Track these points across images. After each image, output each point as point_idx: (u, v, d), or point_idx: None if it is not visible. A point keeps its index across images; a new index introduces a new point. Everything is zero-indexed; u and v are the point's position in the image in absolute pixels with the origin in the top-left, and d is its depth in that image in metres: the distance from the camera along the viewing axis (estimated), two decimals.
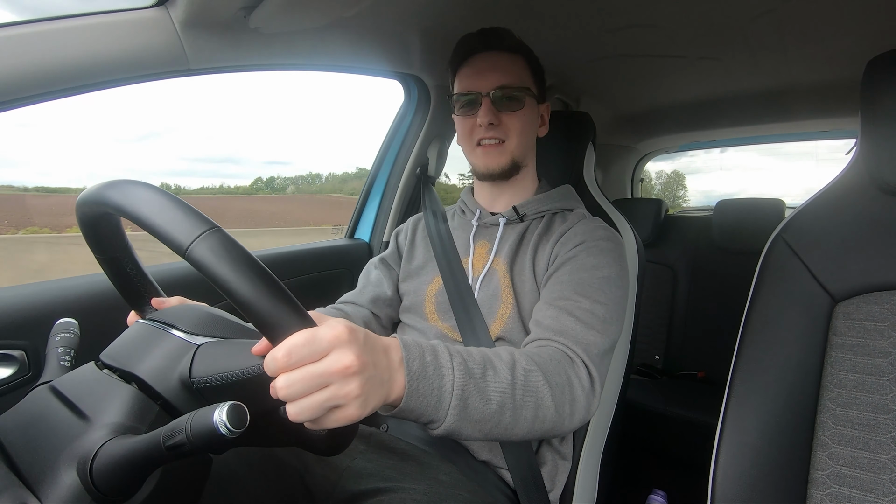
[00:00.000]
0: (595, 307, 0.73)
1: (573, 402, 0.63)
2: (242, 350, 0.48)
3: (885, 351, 0.66)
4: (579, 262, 0.79)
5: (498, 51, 0.88)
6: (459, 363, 0.54)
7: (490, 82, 0.85)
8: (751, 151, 3.51)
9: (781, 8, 1.02)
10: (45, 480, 0.40)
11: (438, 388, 0.51)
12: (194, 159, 71.23)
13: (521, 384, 0.58)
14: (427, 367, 0.51)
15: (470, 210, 0.99)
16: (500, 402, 0.55)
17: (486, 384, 0.55)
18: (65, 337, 0.55)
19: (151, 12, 0.75)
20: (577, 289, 0.75)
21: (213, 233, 0.40)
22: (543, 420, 0.59)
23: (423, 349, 0.52)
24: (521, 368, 0.59)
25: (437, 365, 0.52)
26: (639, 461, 1.69)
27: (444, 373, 0.52)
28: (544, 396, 0.59)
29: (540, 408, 0.59)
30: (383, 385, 0.47)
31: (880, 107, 0.70)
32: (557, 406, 0.60)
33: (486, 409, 0.54)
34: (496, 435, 0.57)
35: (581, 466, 0.84)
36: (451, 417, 0.52)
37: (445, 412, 0.52)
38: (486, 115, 0.85)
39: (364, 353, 0.44)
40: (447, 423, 0.52)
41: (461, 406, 0.52)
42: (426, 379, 0.50)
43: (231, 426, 0.36)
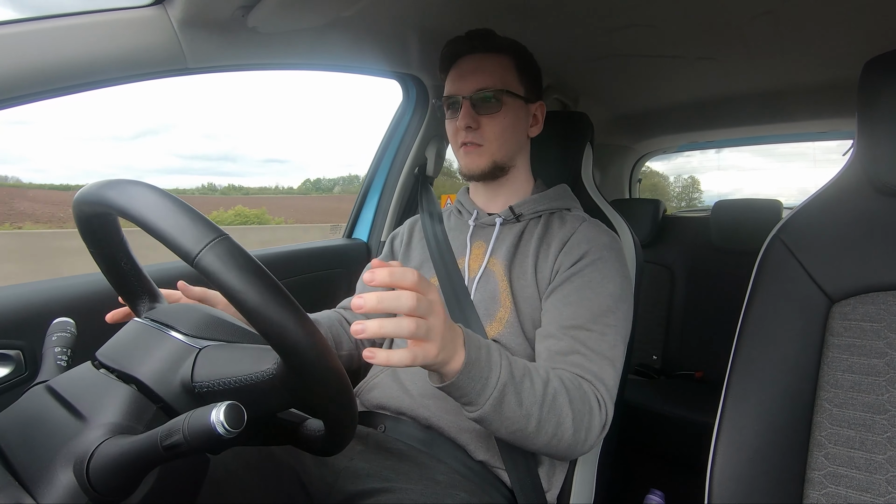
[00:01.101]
0: (606, 333, 0.76)
1: (589, 430, 0.69)
2: (246, 355, 0.48)
3: (882, 351, 0.66)
4: (586, 279, 0.79)
5: (482, 52, 0.88)
6: (507, 364, 0.62)
7: (470, 85, 0.86)
8: (746, 152, 3.52)
9: (779, 9, 1.02)
10: (41, 480, 0.40)
11: (486, 378, 0.60)
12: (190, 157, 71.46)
13: (550, 401, 0.65)
14: (481, 357, 0.60)
15: (467, 210, 0.99)
16: (529, 410, 0.63)
17: (523, 390, 0.63)
18: (61, 336, 0.54)
19: (149, 11, 0.75)
20: (587, 314, 0.76)
21: (221, 241, 0.40)
22: (561, 439, 0.66)
23: (481, 342, 0.61)
24: (552, 388, 0.66)
25: (489, 359, 0.61)
26: (636, 461, 1.69)
27: (492, 367, 0.61)
28: (566, 419, 0.66)
29: (560, 427, 0.66)
30: (451, 348, 0.56)
31: (877, 108, 0.70)
32: (576, 431, 0.67)
33: (517, 411, 0.62)
34: (518, 438, 0.65)
35: (578, 466, 0.84)
36: (488, 406, 0.60)
37: (485, 400, 0.60)
38: (463, 118, 0.86)
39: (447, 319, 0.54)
40: (483, 410, 0.61)
41: (498, 400, 0.61)
42: (479, 366, 0.59)
43: (228, 426, 0.36)
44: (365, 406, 0.88)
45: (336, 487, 0.71)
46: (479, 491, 0.74)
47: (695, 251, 1.97)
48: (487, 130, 0.87)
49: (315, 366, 0.42)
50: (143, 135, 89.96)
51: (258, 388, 0.45)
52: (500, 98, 0.87)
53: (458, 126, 0.87)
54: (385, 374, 0.88)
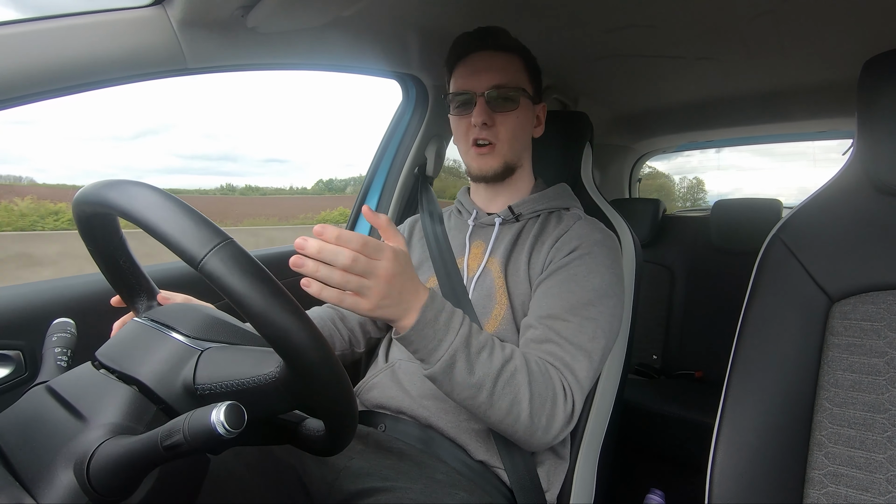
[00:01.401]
0: (584, 325, 0.74)
1: (551, 418, 0.69)
2: (248, 357, 0.48)
3: (882, 350, 0.66)
4: (571, 272, 0.79)
5: (494, 50, 0.88)
6: (464, 333, 0.65)
7: (485, 82, 0.85)
8: (746, 152, 3.53)
9: (779, 9, 1.02)
10: (41, 481, 0.40)
11: (439, 340, 0.64)
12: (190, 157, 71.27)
13: (507, 377, 0.66)
14: (440, 320, 0.64)
15: (466, 210, 0.99)
16: (481, 380, 0.65)
17: (477, 360, 0.65)
18: (61, 337, 0.54)
19: (149, 11, 0.75)
20: (566, 305, 0.76)
21: (226, 245, 0.40)
22: (517, 418, 0.67)
23: (445, 307, 0.65)
24: (512, 365, 0.67)
25: (448, 323, 0.64)
26: (636, 461, 1.69)
27: (449, 332, 0.64)
28: (522, 398, 0.66)
29: (515, 405, 0.67)
30: (397, 308, 0.60)
31: (877, 107, 0.70)
32: (534, 413, 0.67)
33: (468, 378, 0.65)
34: (472, 407, 0.67)
35: (578, 466, 0.84)
36: (437, 367, 0.64)
37: (436, 361, 0.64)
38: (480, 115, 0.85)
39: (397, 276, 0.58)
40: (433, 370, 0.64)
41: (449, 363, 0.64)
42: (433, 328, 0.63)
43: (229, 426, 0.36)
44: (364, 405, 0.88)
45: (336, 487, 0.71)
46: (478, 490, 0.74)
47: (695, 251, 1.97)
48: (501, 129, 0.86)
49: (318, 370, 0.42)
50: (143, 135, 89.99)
51: (261, 390, 0.45)
52: (517, 97, 0.86)
53: (474, 122, 0.85)
54: (384, 374, 0.88)
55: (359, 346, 0.99)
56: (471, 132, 0.87)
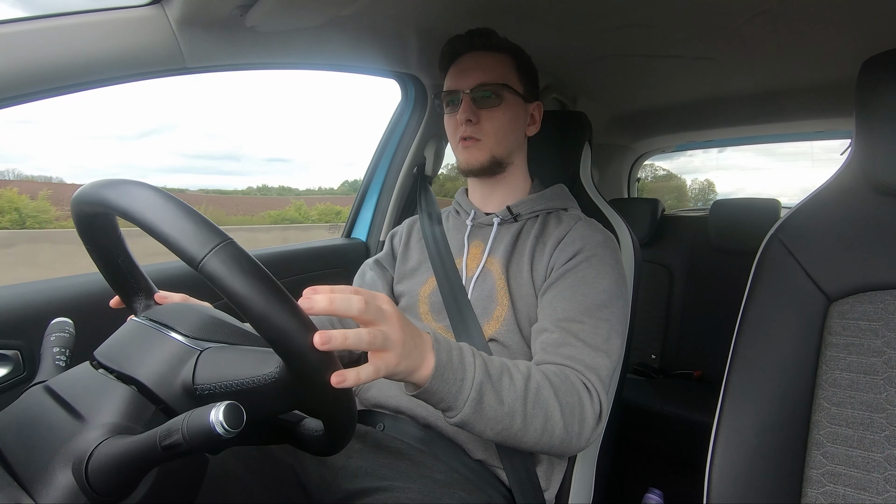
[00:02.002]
0: (599, 326, 0.75)
1: (583, 422, 0.67)
2: (247, 358, 0.48)
3: (880, 350, 0.66)
4: (580, 275, 0.79)
5: (483, 50, 0.89)
6: (481, 363, 0.61)
7: (470, 80, 0.87)
8: (748, 151, 3.53)
9: (777, 9, 1.02)
10: (39, 481, 0.40)
11: (461, 380, 0.59)
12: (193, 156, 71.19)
13: (533, 396, 0.63)
14: (453, 359, 0.59)
15: (464, 210, 0.99)
16: (512, 406, 0.61)
17: (502, 387, 0.61)
18: (60, 336, 0.54)
19: (147, 10, 0.75)
20: (580, 307, 0.76)
21: (226, 246, 0.40)
22: (552, 434, 0.65)
23: (451, 345, 0.60)
24: (534, 382, 0.65)
25: (461, 360, 0.60)
26: (635, 460, 1.70)
27: (466, 368, 0.59)
28: (553, 412, 0.64)
29: (549, 421, 0.64)
30: (414, 358, 0.55)
31: (875, 107, 0.70)
32: (567, 424, 0.65)
33: (499, 409, 0.61)
34: (507, 438, 0.64)
35: (577, 465, 0.84)
36: (468, 409, 0.59)
37: (464, 402, 0.59)
38: (463, 112, 0.86)
39: (402, 318, 0.53)
40: (463, 413, 0.59)
41: (477, 400, 0.59)
42: (451, 369, 0.58)
43: (227, 426, 0.36)
44: (363, 404, 0.88)
45: (334, 486, 0.71)
46: (476, 490, 0.74)
47: (693, 251, 1.97)
48: (487, 125, 0.87)
49: (319, 371, 0.42)
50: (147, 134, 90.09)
51: (260, 391, 0.45)
52: (500, 93, 0.87)
53: (458, 120, 0.87)
54: None
55: None
56: (458, 130, 0.89)
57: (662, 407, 1.60)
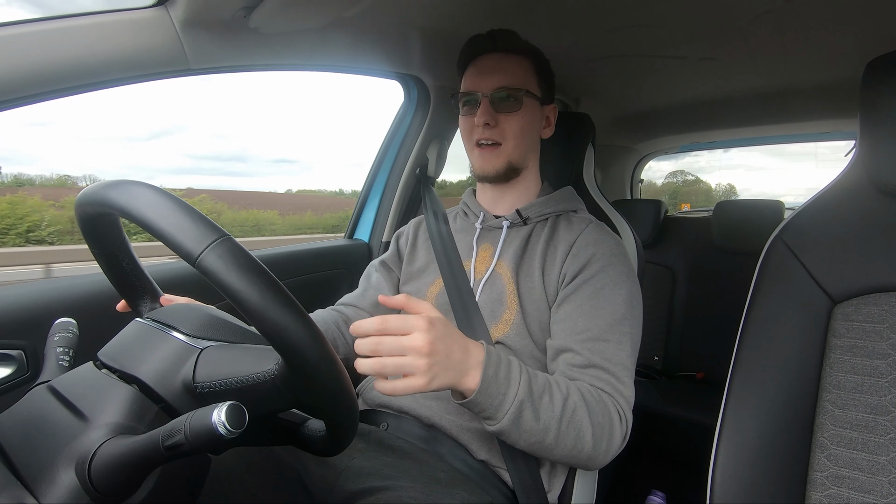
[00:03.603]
0: (623, 342, 0.76)
1: (610, 442, 0.70)
2: (247, 355, 0.48)
3: (884, 352, 0.66)
4: (597, 286, 0.80)
5: (503, 52, 0.88)
6: (525, 380, 0.66)
7: (490, 83, 0.86)
8: (754, 152, 3.54)
9: (781, 9, 1.02)
10: (43, 480, 0.40)
11: (504, 395, 0.64)
12: (201, 157, 71.56)
13: (569, 416, 0.67)
14: (500, 374, 0.64)
15: (473, 212, 0.98)
16: (547, 424, 0.66)
17: (541, 406, 0.66)
18: (63, 337, 0.55)
19: (151, 12, 0.75)
20: (603, 324, 0.77)
21: (223, 241, 0.40)
22: (580, 452, 0.68)
23: (500, 359, 0.65)
24: (572, 402, 0.68)
25: (507, 376, 0.65)
26: (638, 462, 1.69)
27: (511, 384, 0.64)
28: (585, 432, 0.68)
29: (579, 441, 0.68)
30: (454, 373, 0.60)
31: (879, 108, 0.70)
32: (596, 443, 0.69)
33: (534, 426, 0.65)
34: (538, 450, 0.68)
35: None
36: (506, 421, 0.64)
37: (503, 415, 0.64)
38: (483, 115, 0.85)
39: (438, 342, 0.58)
40: (501, 424, 0.64)
41: (516, 415, 0.64)
42: (497, 383, 0.63)
43: (230, 426, 0.36)
44: (367, 404, 0.88)
45: (337, 486, 0.71)
46: (479, 490, 0.74)
47: (696, 252, 1.97)
48: (506, 129, 0.87)
49: (317, 366, 0.42)
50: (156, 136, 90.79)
51: (260, 388, 0.45)
52: (520, 97, 0.86)
53: (477, 122, 0.86)
54: None
55: None
56: (475, 132, 0.88)
57: (665, 408, 1.60)
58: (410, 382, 0.57)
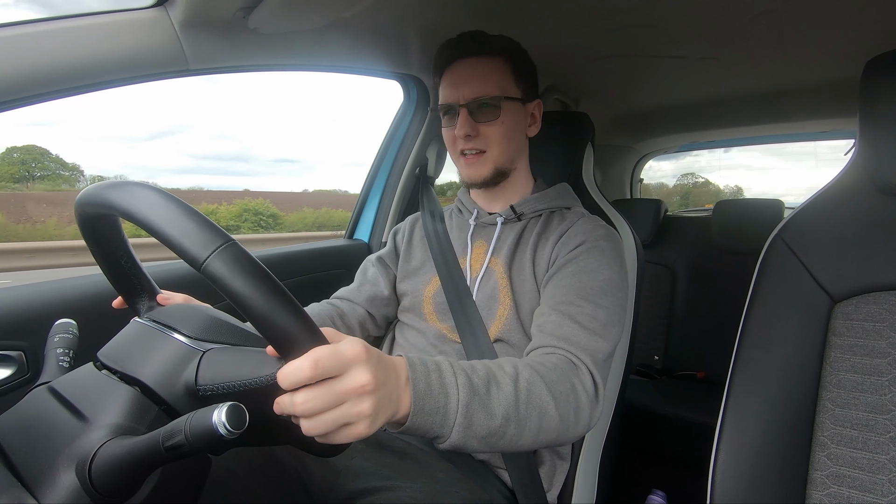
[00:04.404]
0: (597, 311, 0.73)
1: (578, 409, 0.64)
2: (250, 358, 0.48)
3: (884, 351, 0.66)
4: (580, 265, 0.79)
5: (477, 56, 0.86)
6: (464, 381, 0.55)
7: (466, 93, 0.84)
8: (754, 151, 3.55)
9: (780, 8, 1.02)
10: (43, 481, 0.40)
11: (444, 406, 0.53)
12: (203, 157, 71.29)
13: (525, 397, 0.59)
14: (432, 385, 0.53)
15: (467, 210, 0.99)
16: (505, 416, 0.57)
17: (491, 400, 0.56)
18: (63, 337, 0.55)
19: (151, 13, 0.75)
20: (579, 293, 0.75)
21: (228, 247, 0.40)
22: (548, 430, 0.61)
23: (428, 368, 0.54)
24: (524, 380, 0.60)
25: (441, 383, 0.53)
26: (638, 461, 1.69)
27: (448, 391, 0.53)
28: (548, 407, 0.60)
29: (544, 418, 0.60)
30: (392, 404, 0.48)
31: (879, 107, 0.70)
32: (562, 415, 0.62)
33: (490, 424, 0.56)
34: (501, 447, 0.59)
35: (580, 466, 0.84)
36: (456, 434, 0.53)
37: (451, 429, 0.53)
38: (462, 128, 0.84)
39: (378, 371, 0.46)
40: (452, 439, 0.54)
41: (466, 423, 0.54)
42: (431, 398, 0.52)
43: (230, 427, 0.36)
44: None
45: (337, 486, 0.71)
46: (479, 490, 0.74)
47: (696, 251, 1.97)
48: (488, 137, 0.86)
49: None
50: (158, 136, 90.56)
51: (263, 391, 0.45)
52: (498, 105, 0.85)
53: (457, 135, 0.85)
54: None
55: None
56: (457, 143, 0.87)
57: (665, 408, 1.60)
58: (352, 431, 0.45)
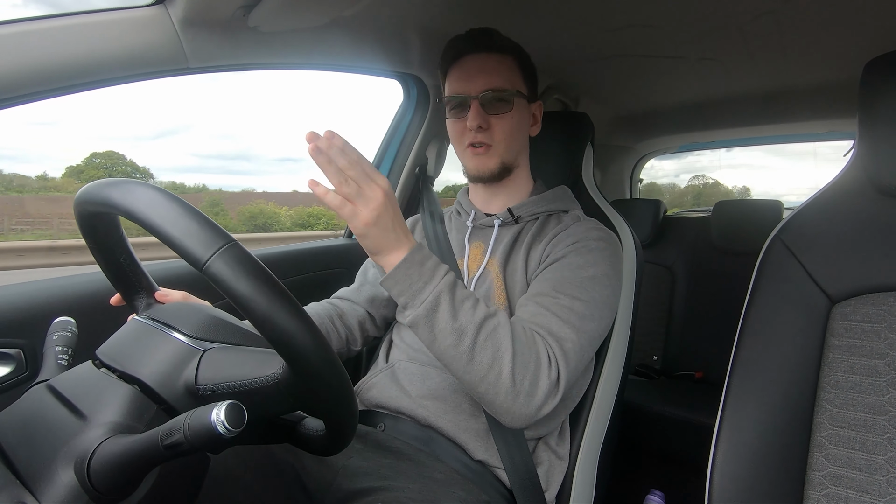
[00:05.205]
0: (573, 304, 0.74)
1: (535, 382, 0.66)
2: (250, 358, 0.48)
3: (882, 352, 0.66)
4: (566, 262, 0.80)
5: (487, 52, 0.87)
6: (449, 281, 0.65)
7: (479, 85, 0.85)
8: (757, 150, 3.55)
9: (780, 9, 1.02)
10: (42, 479, 0.40)
11: (424, 283, 0.64)
12: (206, 156, 71.32)
13: (489, 330, 0.65)
14: (425, 264, 0.65)
15: (465, 211, 0.99)
16: (462, 328, 0.64)
17: (460, 308, 0.65)
18: (62, 336, 0.55)
19: (150, 11, 0.75)
20: (556, 286, 0.76)
21: (230, 248, 0.40)
22: (499, 376, 0.65)
23: (431, 255, 0.66)
24: (494, 321, 0.67)
25: (433, 269, 0.65)
26: (636, 461, 1.69)
27: (434, 276, 0.65)
28: (504, 353, 0.65)
29: (497, 361, 0.65)
30: (390, 235, 0.62)
31: (878, 108, 0.70)
32: (516, 373, 0.65)
33: (450, 324, 0.64)
34: (452, 359, 0.65)
35: (578, 466, 0.84)
36: (421, 310, 0.64)
37: (419, 304, 0.64)
38: (475, 119, 0.85)
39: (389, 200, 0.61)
40: (417, 313, 0.64)
41: (432, 307, 0.64)
42: (419, 270, 0.64)
43: (229, 425, 0.36)
44: (364, 405, 0.88)
45: (335, 486, 0.71)
46: (477, 490, 0.74)
47: (695, 252, 1.97)
48: (497, 131, 0.86)
49: (321, 373, 0.43)
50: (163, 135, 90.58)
51: (263, 391, 0.45)
52: (511, 99, 0.86)
53: (469, 126, 0.86)
54: (384, 374, 0.88)
55: (355, 344, 0.99)
56: (466, 135, 0.87)
57: (664, 408, 1.60)
58: (355, 211, 0.59)
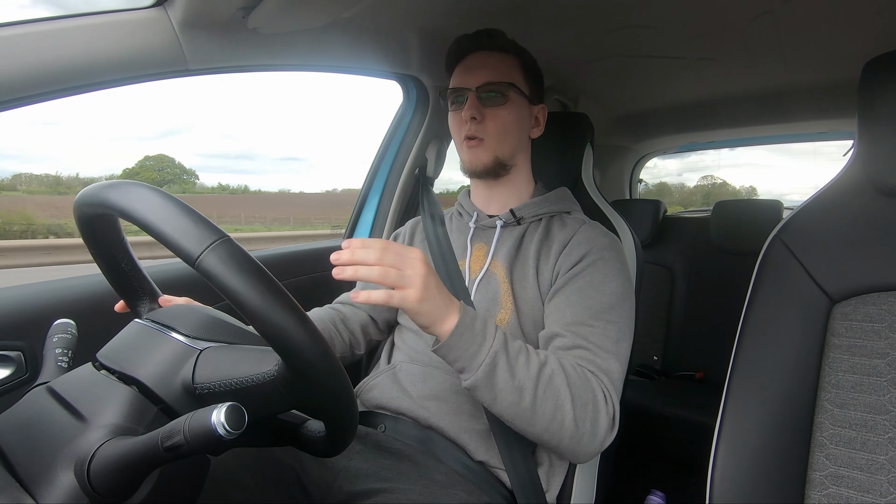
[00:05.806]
0: (608, 329, 0.75)
1: (596, 422, 0.67)
2: (247, 356, 0.48)
3: (883, 352, 0.66)
4: (587, 279, 0.80)
5: (489, 50, 0.90)
6: (501, 337, 0.66)
7: (477, 79, 0.87)
8: (759, 149, 3.54)
9: (779, 9, 1.02)
10: (42, 482, 0.40)
11: (479, 345, 0.64)
12: (210, 155, 71.57)
13: (545, 381, 0.66)
14: (476, 325, 0.64)
15: (467, 212, 0.99)
16: (522, 384, 0.64)
17: (516, 364, 0.65)
18: (62, 338, 0.55)
19: (150, 12, 0.75)
20: (589, 312, 0.76)
21: (223, 243, 0.40)
22: (562, 424, 0.66)
23: (478, 315, 0.66)
24: (549, 369, 0.67)
25: (483, 328, 0.65)
26: (637, 462, 1.69)
27: (486, 336, 0.65)
28: (564, 401, 0.65)
29: (559, 410, 0.65)
30: (440, 304, 0.62)
31: (877, 108, 0.70)
32: (578, 417, 0.66)
33: (510, 382, 0.64)
34: (516, 416, 0.66)
35: (579, 467, 0.84)
36: (481, 373, 0.63)
37: (478, 366, 0.63)
38: (469, 110, 0.86)
39: (430, 272, 0.61)
40: (476, 377, 0.63)
41: (490, 368, 0.63)
42: (472, 332, 0.64)
43: (229, 427, 0.36)
44: (365, 406, 0.88)
45: (335, 487, 0.71)
46: (478, 491, 0.74)
47: (695, 252, 1.97)
48: (491, 124, 0.87)
49: (316, 368, 0.42)
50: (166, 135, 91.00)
51: (259, 389, 0.45)
52: (506, 92, 0.87)
53: (464, 117, 0.87)
54: (385, 375, 0.88)
55: (359, 348, 0.99)
56: (463, 128, 0.89)
57: (664, 408, 1.60)
58: (405, 294, 0.59)
